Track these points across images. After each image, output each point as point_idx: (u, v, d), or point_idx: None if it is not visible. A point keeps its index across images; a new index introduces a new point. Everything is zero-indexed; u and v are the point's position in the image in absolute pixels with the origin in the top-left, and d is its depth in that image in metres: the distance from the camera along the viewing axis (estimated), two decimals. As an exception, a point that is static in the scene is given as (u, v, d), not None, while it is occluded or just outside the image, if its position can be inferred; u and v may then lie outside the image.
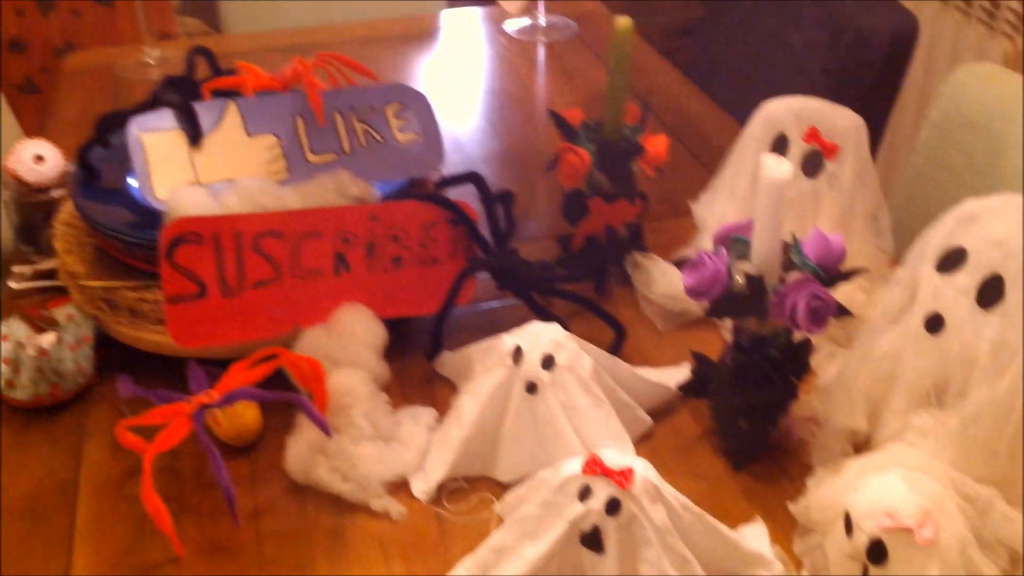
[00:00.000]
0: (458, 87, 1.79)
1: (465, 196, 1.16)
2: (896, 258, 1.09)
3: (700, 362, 1.04)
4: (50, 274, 1.23)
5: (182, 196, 1.05)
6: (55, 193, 1.26)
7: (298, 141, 1.17)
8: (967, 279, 0.88)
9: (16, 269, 1.25)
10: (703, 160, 1.51)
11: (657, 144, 1.19)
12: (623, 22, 1.13)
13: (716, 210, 1.23)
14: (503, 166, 1.56)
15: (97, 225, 1.11)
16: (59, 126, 1.65)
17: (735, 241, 0.97)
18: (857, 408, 0.97)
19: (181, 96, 1.16)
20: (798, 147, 1.14)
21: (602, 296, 1.22)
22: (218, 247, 1.01)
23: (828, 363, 1.07)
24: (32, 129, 2.42)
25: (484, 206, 1.17)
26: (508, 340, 0.98)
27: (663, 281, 1.20)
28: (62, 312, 1.10)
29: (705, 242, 1.22)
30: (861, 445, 0.97)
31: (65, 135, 1.58)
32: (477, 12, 2.06)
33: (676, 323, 1.18)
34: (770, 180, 0.89)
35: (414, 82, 1.82)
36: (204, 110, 1.15)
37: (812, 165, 1.14)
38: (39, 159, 1.27)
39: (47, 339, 1.06)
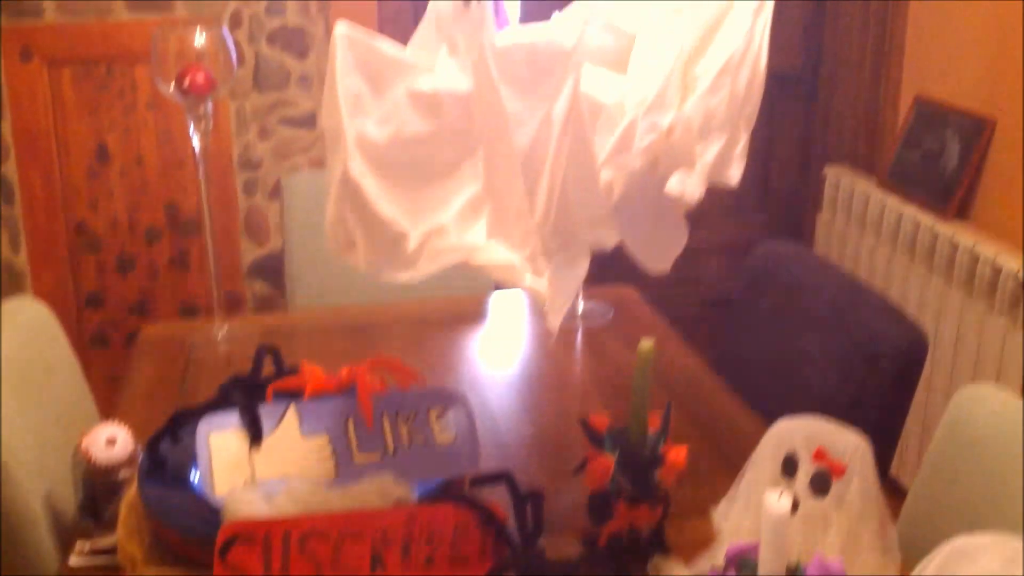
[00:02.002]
0: (500, 367, 1.93)
1: (497, 492, 1.25)
2: (906, 570, 1.14)
3: (712, 676, 1.09)
4: (108, 551, 1.32)
5: (238, 497, 1.15)
6: (122, 474, 1.38)
7: (347, 441, 1.28)
8: (958, 616, 0.94)
9: (78, 546, 1.35)
10: (727, 455, 1.59)
11: (677, 454, 1.29)
12: (645, 345, 1.25)
13: (733, 519, 1.31)
14: (536, 452, 1.65)
15: (158, 516, 1.21)
16: (131, 398, 1.78)
17: (743, 563, 1.04)
18: None
19: (246, 396, 1.29)
20: (807, 466, 1.23)
21: (623, 598, 1.28)
22: (267, 548, 1.10)
23: None
24: (99, 382, 2.56)
25: (514, 505, 1.25)
26: (529, 649, 1.04)
27: (682, 585, 1.26)
28: (118, 595, 1.19)
29: (720, 553, 1.28)
30: None
31: (135, 408, 1.72)
32: (523, 295, 2.21)
33: (694, 628, 1.23)
34: (771, 516, 0.97)
35: (461, 361, 1.96)
36: (266, 413, 1.27)
37: (820, 484, 1.22)
38: (111, 442, 1.39)
39: (102, 623, 1.15)
